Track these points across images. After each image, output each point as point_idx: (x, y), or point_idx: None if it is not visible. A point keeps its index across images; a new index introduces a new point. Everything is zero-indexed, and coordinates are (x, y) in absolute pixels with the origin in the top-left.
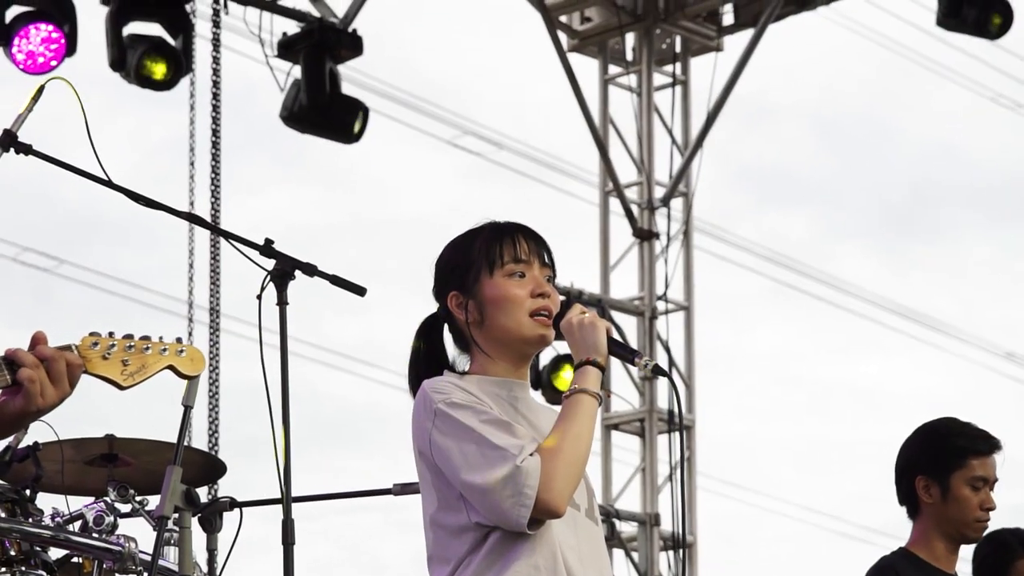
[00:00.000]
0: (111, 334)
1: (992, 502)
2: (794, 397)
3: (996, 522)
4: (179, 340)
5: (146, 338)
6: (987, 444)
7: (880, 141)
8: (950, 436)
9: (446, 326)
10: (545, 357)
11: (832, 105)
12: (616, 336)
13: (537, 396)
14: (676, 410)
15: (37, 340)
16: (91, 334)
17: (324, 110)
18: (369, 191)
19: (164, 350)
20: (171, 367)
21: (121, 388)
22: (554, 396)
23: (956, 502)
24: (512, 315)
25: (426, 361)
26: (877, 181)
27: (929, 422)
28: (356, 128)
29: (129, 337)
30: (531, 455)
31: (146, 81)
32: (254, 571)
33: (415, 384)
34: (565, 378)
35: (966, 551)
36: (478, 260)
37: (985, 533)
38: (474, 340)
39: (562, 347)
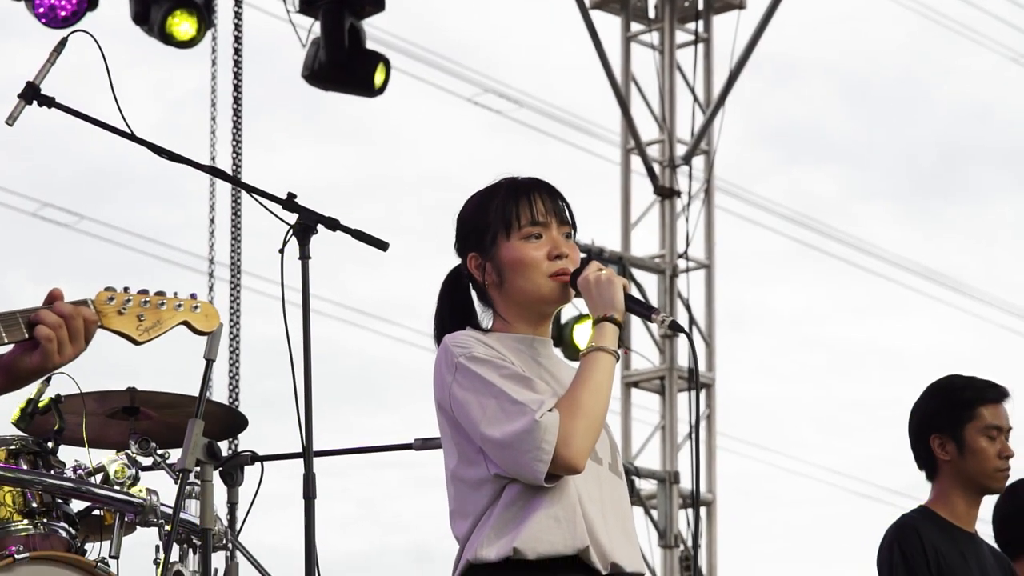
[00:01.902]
0: (126, 289)
1: (1010, 449)
2: (816, 357)
3: (1015, 476)
4: (193, 296)
5: (161, 293)
6: (995, 392)
7: (907, 100)
8: (956, 390)
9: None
10: (566, 314)
11: (858, 64)
12: (634, 293)
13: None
14: (694, 365)
15: (53, 297)
16: (106, 289)
17: (344, 65)
18: (391, 147)
19: (179, 306)
20: (186, 323)
21: (136, 343)
22: (574, 353)
23: (973, 454)
24: (530, 278)
25: (451, 315)
26: (904, 141)
27: (934, 381)
28: (378, 81)
29: (144, 292)
30: (550, 410)
31: (169, 38)
32: (275, 525)
33: (440, 338)
34: (584, 335)
35: (984, 513)
36: (495, 222)
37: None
38: (494, 301)
39: (583, 305)
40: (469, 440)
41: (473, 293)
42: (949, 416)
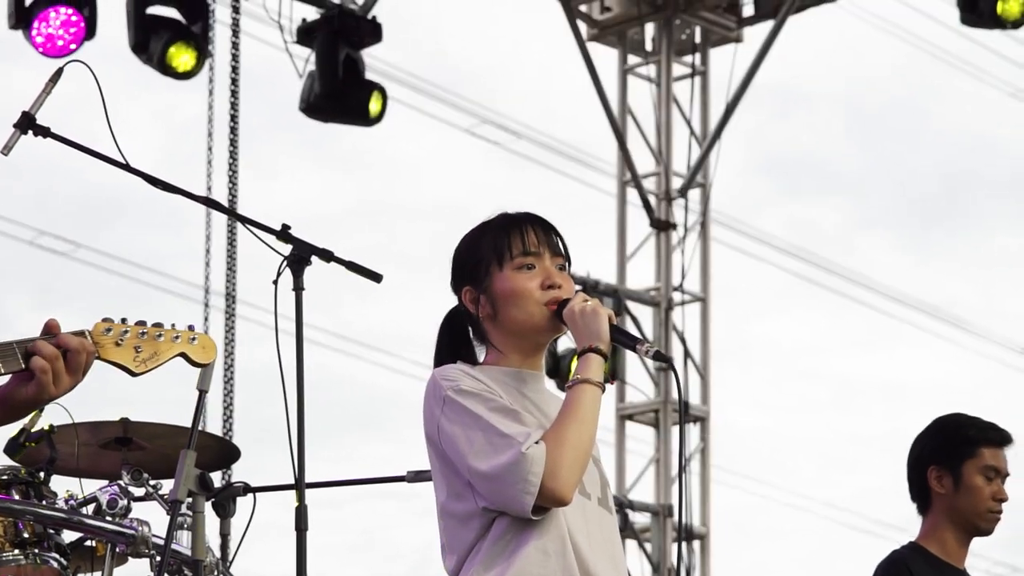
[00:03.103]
0: (124, 320)
1: (1004, 493)
2: (813, 390)
3: (1009, 517)
4: (191, 328)
5: (158, 325)
6: (998, 435)
7: (907, 132)
8: (961, 427)
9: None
10: (563, 345)
11: (856, 97)
12: (630, 328)
13: (551, 386)
14: (679, 396)
15: (51, 328)
16: (104, 320)
17: (339, 96)
18: (389, 176)
19: (176, 337)
20: (183, 355)
21: (133, 375)
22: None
23: (968, 492)
24: (523, 307)
25: (449, 353)
26: (904, 172)
27: (941, 416)
28: (373, 110)
29: (142, 324)
30: (536, 443)
31: (168, 69)
32: (267, 556)
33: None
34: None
35: (976, 546)
36: (487, 255)
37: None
38: (488, 333)
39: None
40: (457, 474)
41: (471, 331)
42: (950, 451)
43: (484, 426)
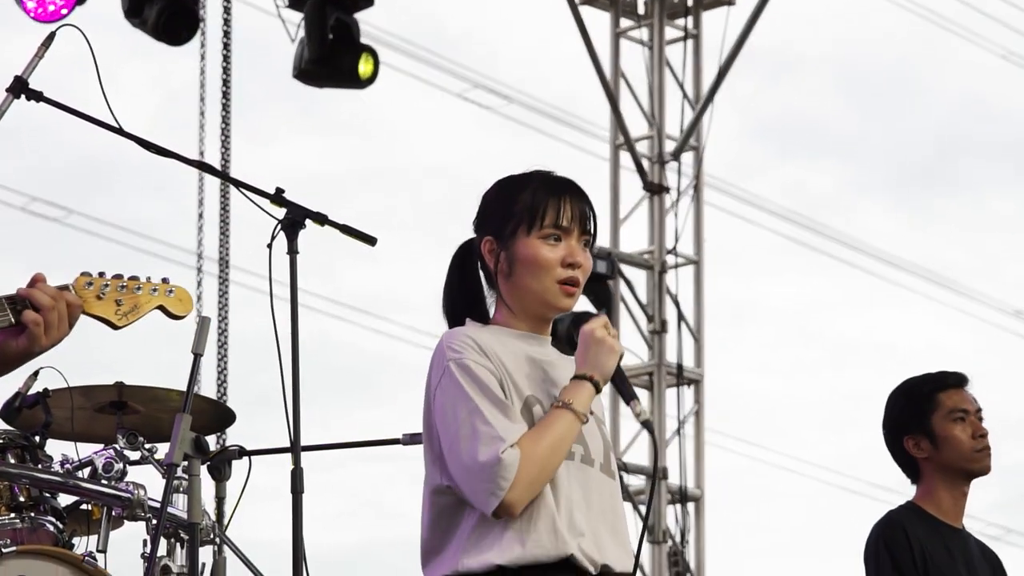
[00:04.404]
0: (102, 274)
1: (982, 428)
2: (808, 353)
3: (1002, 479)
4: (166, 280)
5: (135, 278)
6: (952, 377)
7: (902, 95)
8: (913, 387)
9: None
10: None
11: (849, 59)
12: (627, 291)
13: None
14: (678, 364)
15: (36, 280)
16: (83, 274)
17: (330, 60)
18: (383, 141)
19: (154, 290)
20: (161, 307)
21: (115, 327)
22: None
23: (947, 442)
24: (539, 278)
25: (460, 290)
26: (899, 136)
27: (894, 388)
28: (363, 72)
29: (119, 277)
30: (513, 446)
31: (162, 33)
32: (263, 519)
33: (449, 312)
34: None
35: (972, 507)
36: (519, 214)
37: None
38: (500, 287)
39: (580, 306)
40: (436, 443)
41: (480, 273)
42: (913, 413)
43: (473, 409)
